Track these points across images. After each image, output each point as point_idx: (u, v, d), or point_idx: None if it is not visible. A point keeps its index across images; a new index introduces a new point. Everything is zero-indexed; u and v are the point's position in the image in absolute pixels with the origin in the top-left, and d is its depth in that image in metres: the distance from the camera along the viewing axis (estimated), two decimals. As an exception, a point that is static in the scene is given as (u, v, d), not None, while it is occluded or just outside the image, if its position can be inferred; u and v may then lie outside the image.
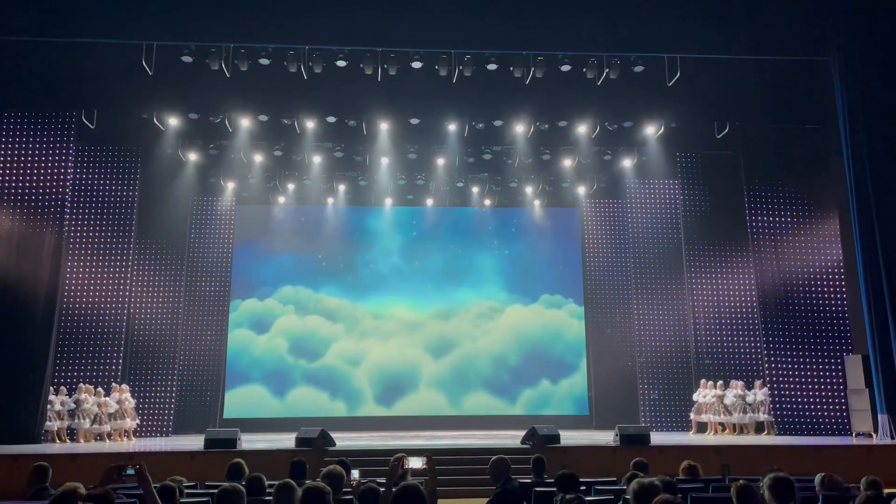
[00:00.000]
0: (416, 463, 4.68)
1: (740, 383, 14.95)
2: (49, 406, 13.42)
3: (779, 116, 14.79)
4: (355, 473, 5.60)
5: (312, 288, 18.63)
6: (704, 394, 15.18)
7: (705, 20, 12.86)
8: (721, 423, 14.88)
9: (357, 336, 18.50)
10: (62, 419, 13.64)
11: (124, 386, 14.53)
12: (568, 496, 4.66)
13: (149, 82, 13.17)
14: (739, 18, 12.89)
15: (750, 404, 14.75)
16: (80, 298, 14.66)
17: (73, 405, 13.73)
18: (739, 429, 14.76)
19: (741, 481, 4.18)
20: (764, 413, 14.63)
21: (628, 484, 5.12)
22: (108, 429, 13.95)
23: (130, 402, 14.48)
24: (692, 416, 15.30)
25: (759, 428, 14.60)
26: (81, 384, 13.99)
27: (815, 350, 14.43)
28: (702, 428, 15.14)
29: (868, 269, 12.51)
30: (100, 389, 14.08)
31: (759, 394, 14.76)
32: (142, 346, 15.74)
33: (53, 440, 13.42)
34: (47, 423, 13.35)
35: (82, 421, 13.63)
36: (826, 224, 14.91)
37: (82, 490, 4.15)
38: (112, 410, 13.99)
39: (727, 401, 14.90)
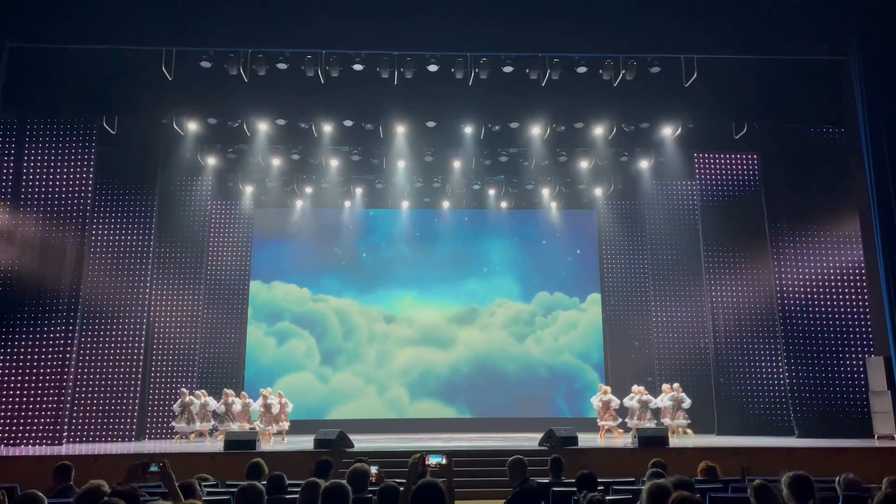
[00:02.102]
0: (434, 461, 4.72)
1: (642, 388, 14.97)
2: (184, 408, 14.29)
3: (797, 116, 14.68)
4: (374, 469, 5.64)
5: (331, 291, 18.73)
6: (600, 399, 15.21)
7: (722, 20, 12.79)
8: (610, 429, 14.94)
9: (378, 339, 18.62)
10: (204, 420, 14.48)
11: (270, 389, 15.24)
12: (591, 494, 4.67)
13: (168, 88, 13.33)
14: (757, 18, 12.79)
15: (652, 410, 14.69)
16: (101, 302, 14.81)
17: (222, 408, 14.55)
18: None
19: (758, 480, 4.17)
20: (674, 419, 14.62)
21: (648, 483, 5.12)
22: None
23: (288, 406, 15.08)
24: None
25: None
26: (226, 389, 15.17)
27: (836, 352, 14.28)
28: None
29: (890, 270, 12.35)
30: (243, 393, 15.24)
31: (667, 398, 14.75)
32: (162, 350, 15.90)
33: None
34: (186, 424, 14.21)
35: (231, 423, 14.44)
36: (847, 224, 14.73)
37: (106, 487, 4.22)
38: (274, 412, 14.72)
39: (626, 404, 14.94)
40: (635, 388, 15.27)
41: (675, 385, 15.09)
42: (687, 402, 14.73)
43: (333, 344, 18.66)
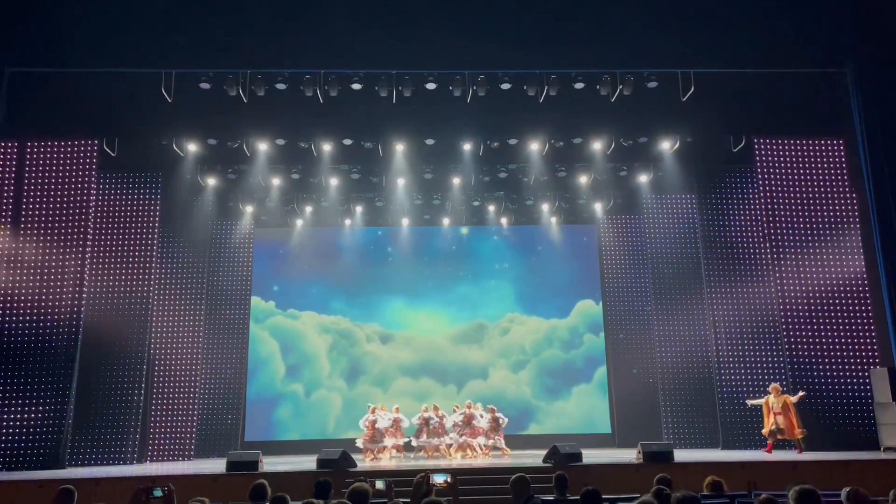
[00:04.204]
0: (439, 479, 4.69)
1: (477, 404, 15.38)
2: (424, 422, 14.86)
3: (795, 129, 14.72)
4: (379, 483, 5.59)
5: (333, 311, 18.66)
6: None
7: (718, 34, 12.88)
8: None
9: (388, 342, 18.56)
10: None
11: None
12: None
13: (168, 109, 13.41)
14: (753, 32, 12.89)
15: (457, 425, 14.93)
16: (102, 324, 14.73)
17: (415, 422, 14.96)
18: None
19: (764, 495, 4.13)
20: (491, 438, 14.87)
21: (654, 498, 5.07)
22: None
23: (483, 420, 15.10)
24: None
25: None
26: (427, 404, 15.55)
27: (840, 364, 14.24)
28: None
29: (891, 280, 12.34)
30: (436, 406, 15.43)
31: (487, 417, 15.04)
32: (163, 371, 15.84)
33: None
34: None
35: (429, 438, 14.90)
36: (847, 236, 14.74)
37: (109, 511, 4.18)
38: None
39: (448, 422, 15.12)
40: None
41: (490, 406, 15.40)
42: (504, 421, 15.18)
43: (271, 384, 18.36)
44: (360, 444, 14.65)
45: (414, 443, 14.87)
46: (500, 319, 18.80)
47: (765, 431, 13.89)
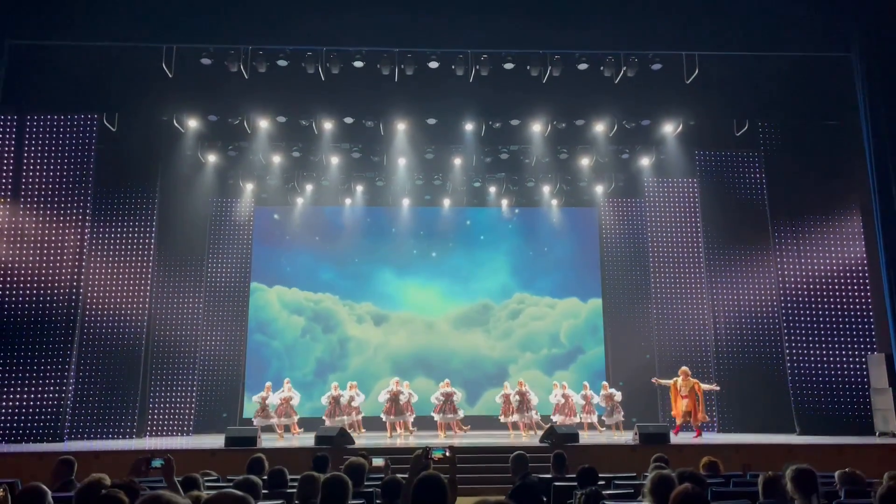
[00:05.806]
0: (437, 454, 4.72)
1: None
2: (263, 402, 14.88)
3: (799, 113, 14.65)
4: (378, 461, 5.63)
5: (332, 290, 18.68)
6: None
7: (724, 17, 12.78)
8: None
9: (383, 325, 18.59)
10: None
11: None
12: (589, 488, 4.67)
13: (169, 85, 13.32)
14: (758, 14, 12.77)
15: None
16: (101, 299, 14.76)
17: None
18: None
19: (770, 473, 4.16)
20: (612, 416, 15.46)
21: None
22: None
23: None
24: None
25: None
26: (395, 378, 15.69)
27: (838, 349, 14.28)
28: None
29: (891, 267, 12.31)
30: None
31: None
32: (163, 347, 15.86)
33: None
34: (269, 420, 14.71)
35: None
36: (848, 221, 14.73)
37: (107, 480, 4.21)
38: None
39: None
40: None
41: (604, 383, 16.10)
42: (618, 396, 15.66)
43: (270, 362, 18.60)
44: (256, 422, 14.68)
45: (327, 422, 14.61)
46: (507, 299, 18.77)
47: (674, 413, 14.18)
